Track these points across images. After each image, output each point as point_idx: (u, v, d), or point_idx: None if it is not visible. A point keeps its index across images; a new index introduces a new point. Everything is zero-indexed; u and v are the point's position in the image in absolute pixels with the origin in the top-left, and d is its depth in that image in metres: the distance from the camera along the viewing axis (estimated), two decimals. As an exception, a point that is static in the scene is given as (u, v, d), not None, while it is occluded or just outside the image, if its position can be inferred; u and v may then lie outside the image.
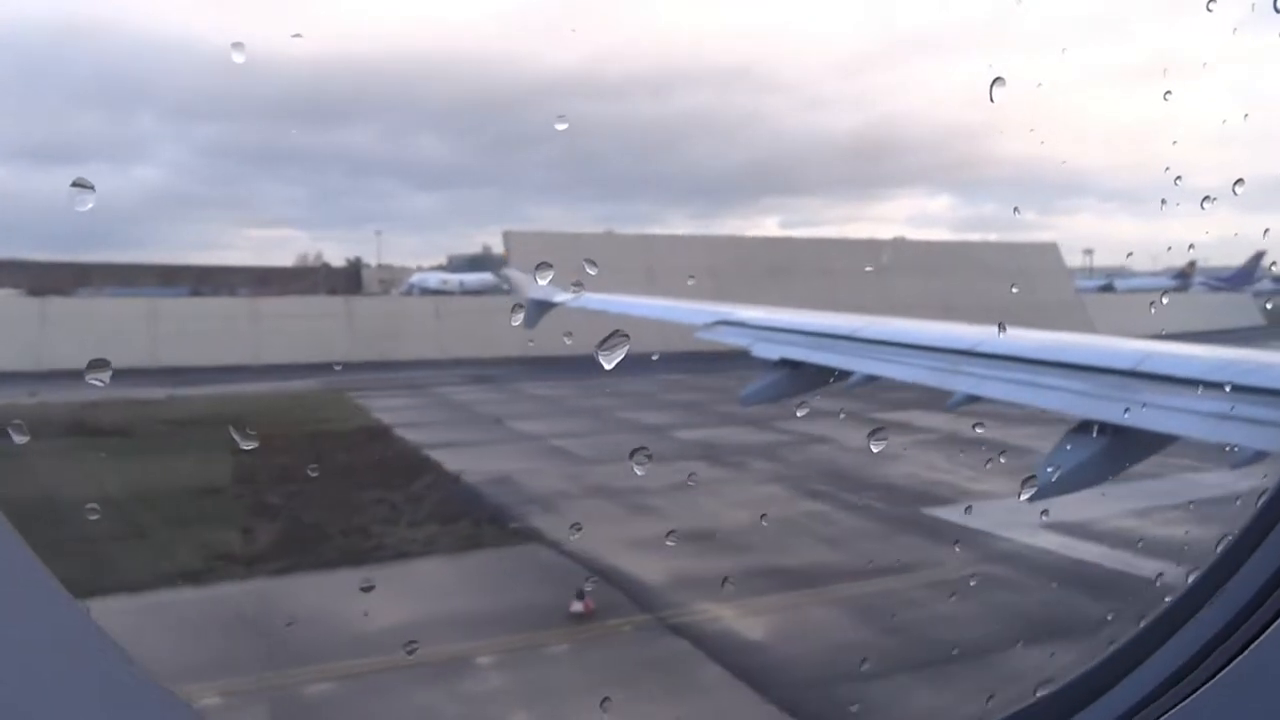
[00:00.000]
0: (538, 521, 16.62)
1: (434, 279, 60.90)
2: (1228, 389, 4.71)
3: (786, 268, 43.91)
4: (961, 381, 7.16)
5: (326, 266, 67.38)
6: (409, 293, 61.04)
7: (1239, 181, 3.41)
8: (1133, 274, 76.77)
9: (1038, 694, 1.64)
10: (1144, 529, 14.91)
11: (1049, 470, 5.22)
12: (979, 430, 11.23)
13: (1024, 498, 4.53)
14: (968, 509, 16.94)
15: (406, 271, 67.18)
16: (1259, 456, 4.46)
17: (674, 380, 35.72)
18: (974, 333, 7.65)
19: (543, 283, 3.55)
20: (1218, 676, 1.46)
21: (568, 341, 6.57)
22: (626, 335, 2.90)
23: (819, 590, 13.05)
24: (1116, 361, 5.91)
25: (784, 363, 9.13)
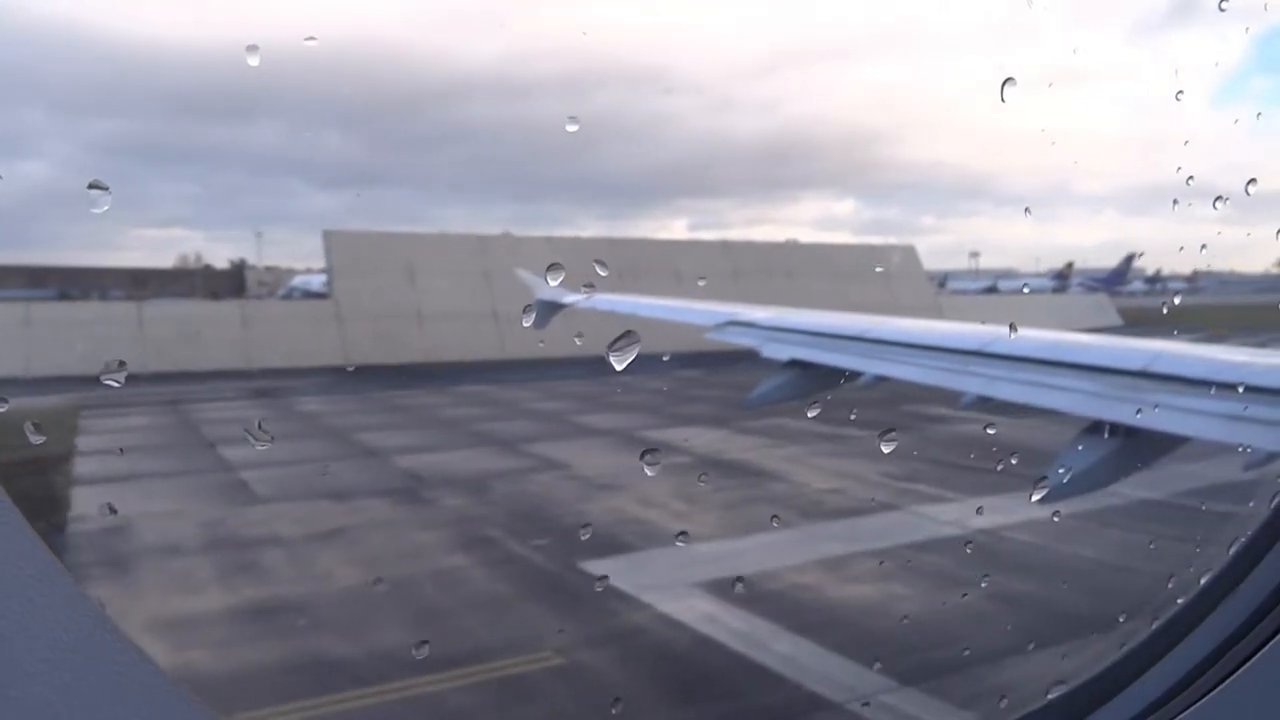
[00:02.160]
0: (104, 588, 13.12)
1: (317, 281, 55.71)
2: (1241, 390, 4.69)
3: (629, 270, 42.24)
4: (972, 382, 7.15)
5: (207, 268, 65.03)
6: (289, 296, 57.57)
7: (1252, 181, 3.38)
8: (1018, 275, 78.05)
9: (1050, 695, 1.64)
10: (844, 597, 11.81)
11: (1060, 471, 5.20)
12: (990, 431, 11.13)
13: (1035, 499, 4.51)
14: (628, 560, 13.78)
15: (293, 273, 63.67)
16: (1272, 458, 4.45)
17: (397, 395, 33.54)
18: (984, 332, 7.63)
19: (554, 284, 3.57)
20: (1230, 679, 1.46)
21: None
22: (637, 336, 2.89)
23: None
24: (1127, 362, 5.88)
25: (793, 363, 9.13)
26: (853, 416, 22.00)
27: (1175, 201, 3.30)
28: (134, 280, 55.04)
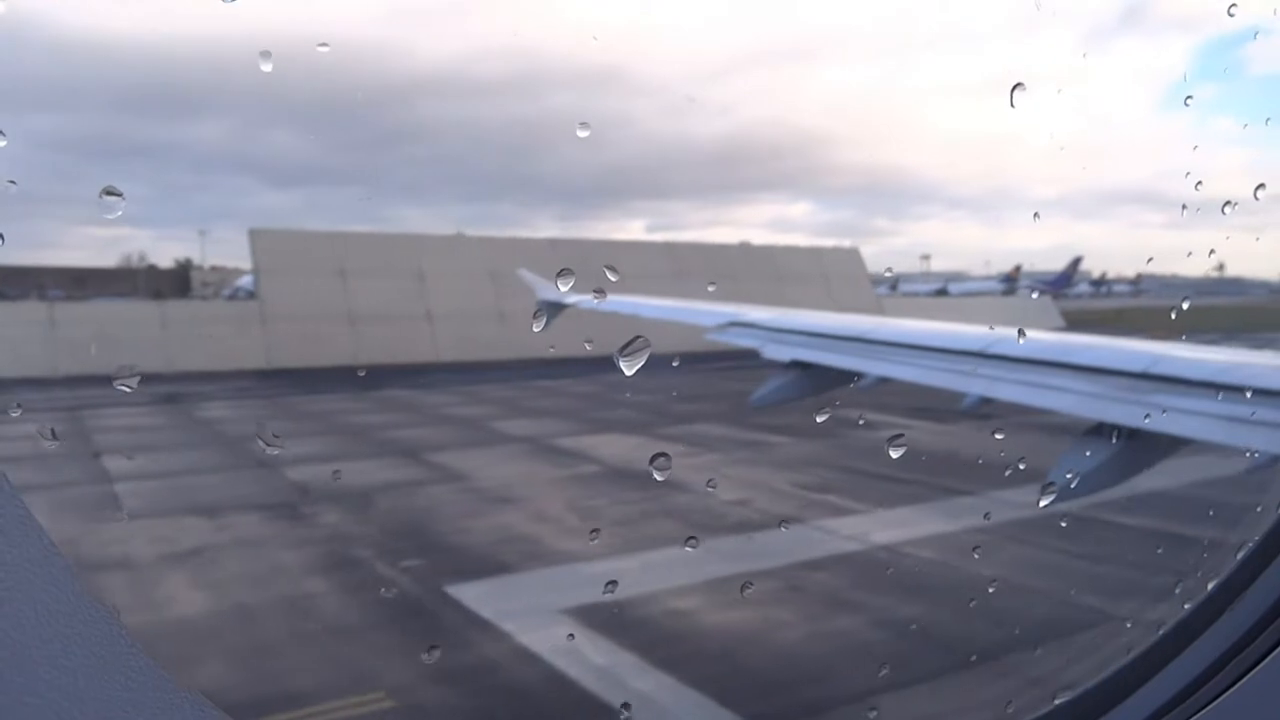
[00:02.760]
0: None
1: (260, 282, 57.60)
2: (1248, 394, 4.69)
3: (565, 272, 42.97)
4: (974, 384, 7.15)
5: (151, 268, 63.48)
6: (234, 296, 56.33)
7: (1261, 186, 3.38)
8: (968, 278, 78.85)
9: (1056, 700, 1.64)
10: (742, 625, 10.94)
11: (1067, 475, 5.20)
12: (998, 436, 10.92)
13: (1043, 504, 4.51)
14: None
15: (240, 273, 61.29)
16: (1277, 461, 4.44)
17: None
18: (987, 334, 7.64)
19: (564, 288, 3.56)
20: (1236, 686, 1.46)
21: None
22: (647, 339, 2.88)
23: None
24: (1130, 364, 5.88)
25: (795, 364, 9.14)
26: (783, 422, 21.26)
27: (1184, 206, 3.29)
28: (74, 280, 53.39)
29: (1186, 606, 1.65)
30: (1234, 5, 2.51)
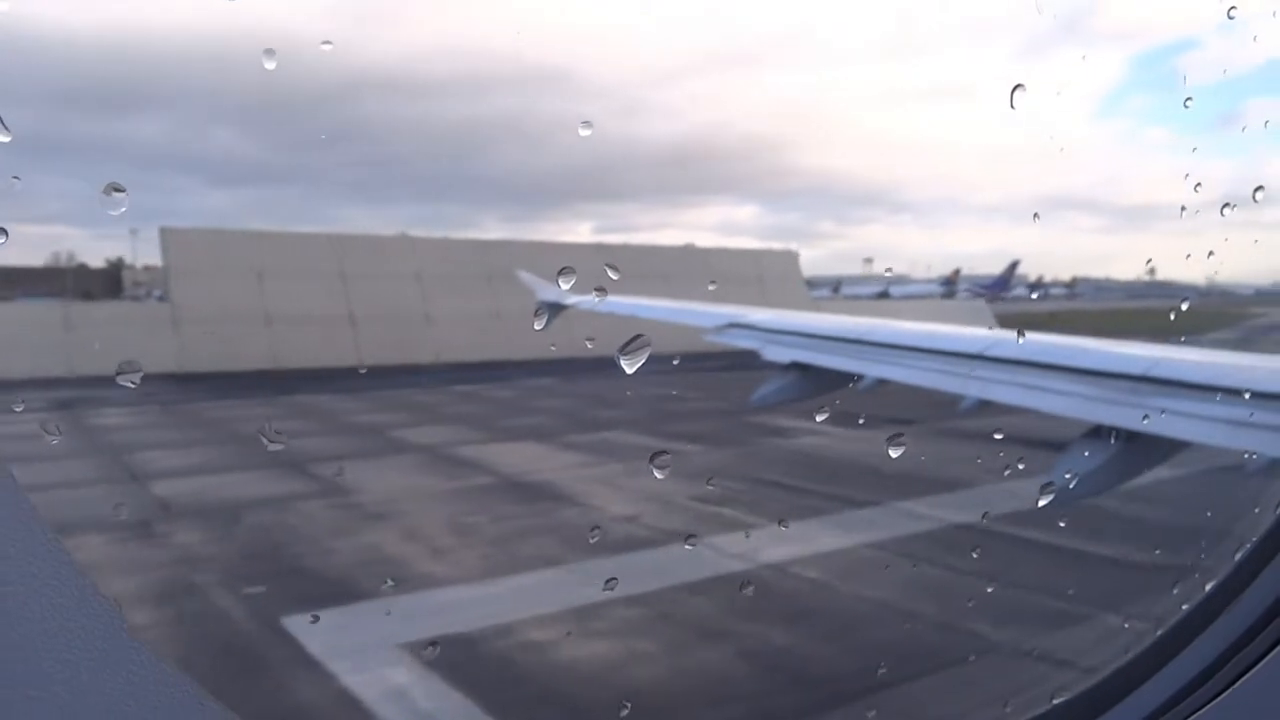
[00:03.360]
0: None
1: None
2: (1247, 396, 4.70)
3: (498, 274, 37.86)
4: (973, 386, 7.16)
5: (81, 267, 59.64)
6: (164, 299, 57.77)
7: (1259, 188, 3.39)
8: (910, 281, 79.72)
9: (1054, 701, 1.65)
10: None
11: (1066, 476, 5.20)
12: (998, 437, 10.75)
13: (1041, 504, 4.52)
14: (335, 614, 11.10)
15: None
16: (1274, 464, 4.45)
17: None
18: (986, 336, 7.65)
19: (565, 288, 3.56)
20: (1233, 687, 1.47)
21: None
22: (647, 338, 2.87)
23: None
24: (1129, 366, 5.89)
25: (795, 365, 9.15)
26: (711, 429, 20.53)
27: (1183, 208, 3.29)
28: (4, 279, 53.04)
29: (1185, 607, 1.66)
30: (1233, 8, 2.52)
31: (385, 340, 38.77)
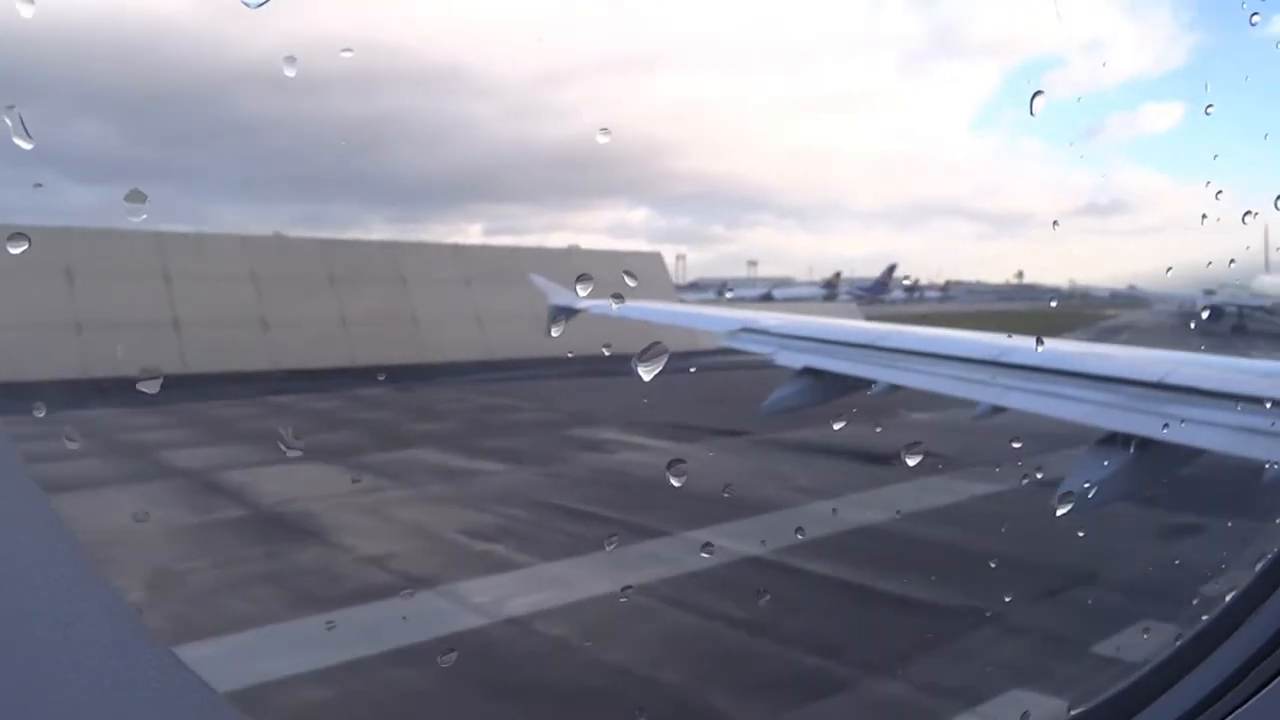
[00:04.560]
0: None
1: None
2: (1268, 405, 4.66)
3: (344, 276, 36.63)
4: (986, 392, 7.13)
5: None
6: None
7: None
8: (794, 284, 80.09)
9: (1072, 712, 1.64)
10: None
11: (1085, 484, 5.17)
12: (1016, 445, 9.75)
13: (1060, 512, 4.49)
14: None
15: None
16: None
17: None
18: (999, 342, 7.61)
19: (583, 293, 3.57)
20: (1256, 697, 1.45)
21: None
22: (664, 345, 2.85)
23: None
24: (1144, 374, 5.86)
25: (807, 371, 9.14)
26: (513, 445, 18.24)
27: (1204, 216, 3.26)
28: None
29: (1204, 618, 1.65)
30: (1255, 15, 2.51)
31: (213, 346, 34.90)
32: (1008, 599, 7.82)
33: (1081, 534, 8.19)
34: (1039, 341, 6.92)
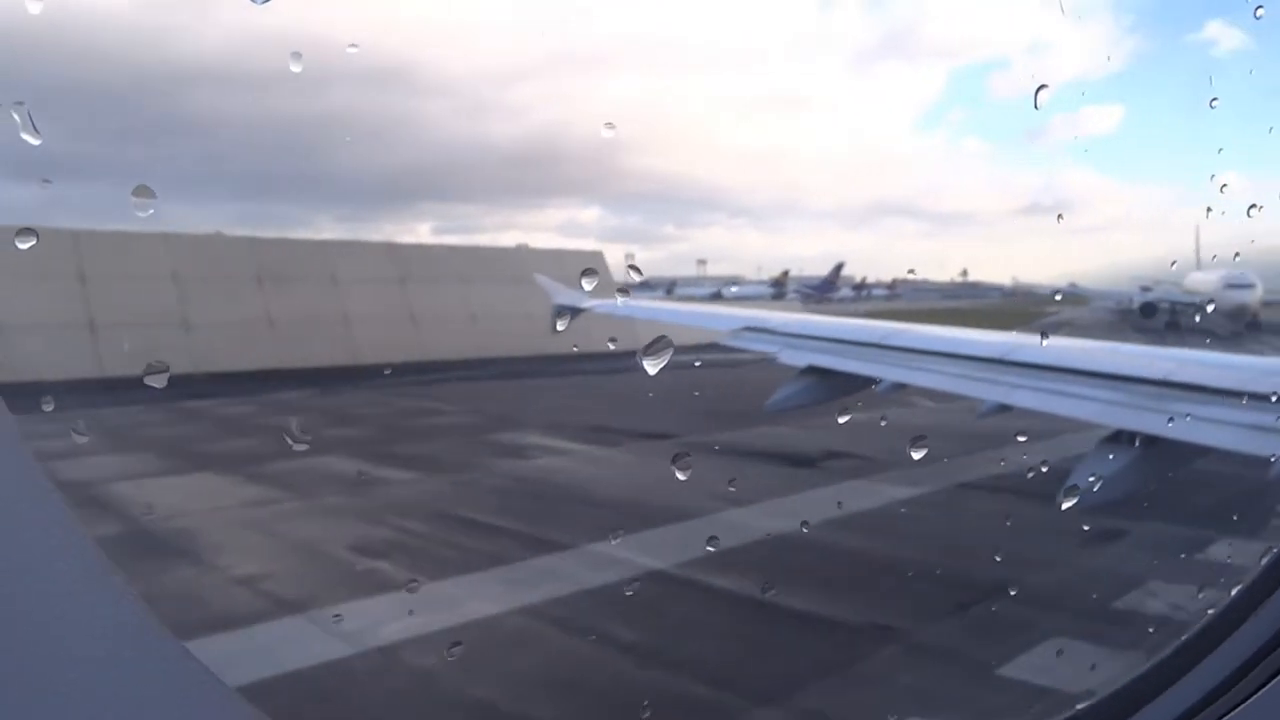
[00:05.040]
0: None
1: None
2: (1274, 399, 4.65)
3: (272, 275, 35.70)
4: (991, 390, 7.12)
5: None
6: None
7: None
8: (743, 282, 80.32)
9: (1078, 706, 1.64)
10: None
11: (1090, 479, 5.16)
12: (1021, 439, 9.83)
13: (1065, 507, 4.49)
14: None
15: None
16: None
17: None
18: (1004, 340, 7.61)
19: (588, 289, 3.55)
20: (1261, 691, 1.45)
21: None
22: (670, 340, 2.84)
23: None
24: (1149, 371, 5.84)
25: (811, 370, 9.13)
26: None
27: (1208, 211, 3.26)
28: None
29: (1210, 612, 1.64)
30: (1260, 8, 2.50)
31: (133, 348, 32.94)
32: (916, 614, 7.44)
33: (1002, 540, 7.93)
34: (1044, 336, 6.89)
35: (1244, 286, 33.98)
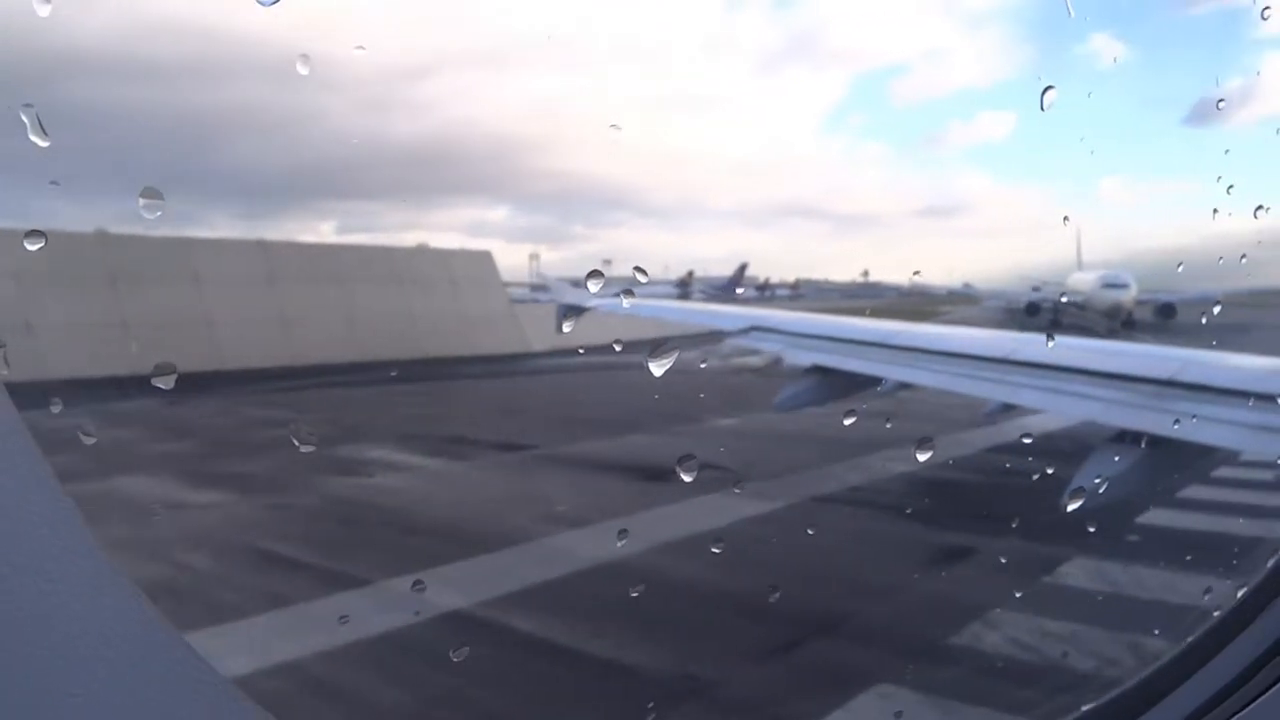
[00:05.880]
0: None
1: None
2: (1279, 400, 4.63)
3: (125, 275, 32.54)
4: (996, 390, 7.12)
5: None
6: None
7: (1261, 208, 3.36)
8: (652, 283, 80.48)
9: (1084, 708, 1.63)
10: None
11: (1095, 480, 5.15)
12: (1027, 440, 9.63)
13: (1071, 508, 4.47)
14: None
15: None
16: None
17: None
18: (1008, 340, 7.60)
19: (594, 289, 3.52)
20: (1265, 695, 1.45)
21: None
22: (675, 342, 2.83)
23: None
24: (1154, 370, 5.83)
25: (816, 369, 9.13)
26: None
27: (1215, 212, 3.25)
28: None
29: (1217, 613, 1.64)
30: (1267, 8, 2.50)
31: None
32: (729, 660, 6.58)
33: (846, 563, 7.25)
34: (1049, 337, 6.88)
35: (1119, 286, 36.44)
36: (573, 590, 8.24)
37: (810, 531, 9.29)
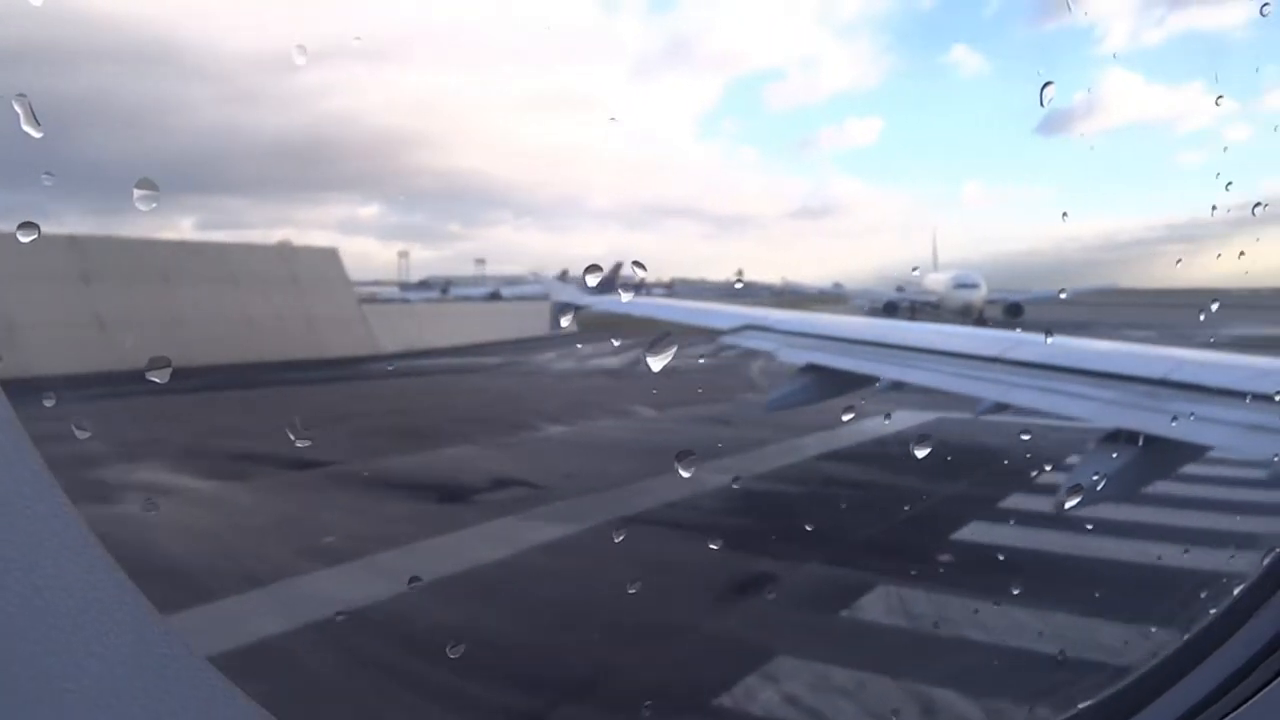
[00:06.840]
0: None
1: None
2: (1276, 398, 4.65)
3: None
4: (989, 389, 7.13)
5: None
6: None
7: (1259, 204, 3.36)
8: (523, 282, 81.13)
9: (1079, 705, 1.64)
10: None
11: (1094, 477, 5.16)
12: (1025, 438, 9.22)
13: (1068, 506, 4.48)
14: None
15: None
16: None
17: None
18: (1005, 338, 7.62)
19: (592, 283, 3.50)
20: (1265, 690, 1.45)
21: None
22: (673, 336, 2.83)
23: None
24: (1147, 370, 5.85)
25: (810, 368, 9.15)
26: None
27: (1214, 208, 3.24)
28: None
29: (1212, 612, 1.64)
30: (1266, 4, 2.50)
31: None
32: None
33: (625, 603, 5.82)
34: (1048, 334, 6.89)
35: (969, 286, 39.63)
36: (301, 644, 6.31)
37: (599, 563, 7.91)
